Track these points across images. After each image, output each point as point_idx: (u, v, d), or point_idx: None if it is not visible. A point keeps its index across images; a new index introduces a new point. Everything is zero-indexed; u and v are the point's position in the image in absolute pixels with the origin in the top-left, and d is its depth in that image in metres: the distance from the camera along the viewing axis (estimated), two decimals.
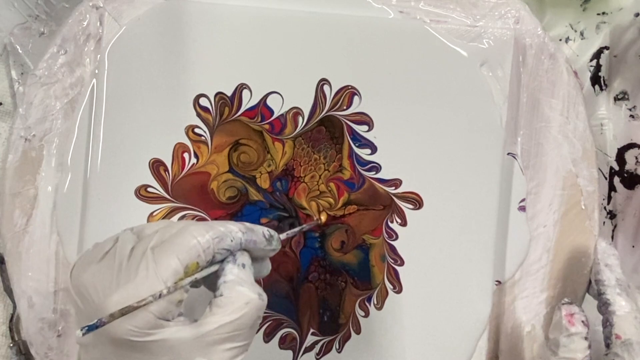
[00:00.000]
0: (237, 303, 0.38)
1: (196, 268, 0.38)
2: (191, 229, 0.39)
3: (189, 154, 0.56)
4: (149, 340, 0.36)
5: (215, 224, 0.40)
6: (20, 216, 0.57)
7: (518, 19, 0.57)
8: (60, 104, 0.57)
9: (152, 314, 0.36)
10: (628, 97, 0.61)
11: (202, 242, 0.38)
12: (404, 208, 0.57)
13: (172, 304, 0.37)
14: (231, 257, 0.40)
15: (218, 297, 0.39)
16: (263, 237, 0.42)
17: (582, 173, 0.58)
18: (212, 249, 0.38)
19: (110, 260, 0.38)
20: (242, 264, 0.40)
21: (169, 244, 0.38)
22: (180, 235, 0.38)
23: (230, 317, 0.38)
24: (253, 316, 0.39)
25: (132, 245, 0.38)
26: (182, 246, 0.38)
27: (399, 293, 0.56)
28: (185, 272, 0.37)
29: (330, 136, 0.57)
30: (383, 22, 0.57)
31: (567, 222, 0.58)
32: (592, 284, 0.55)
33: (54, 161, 0.57)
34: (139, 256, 0.37)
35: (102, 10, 0.56)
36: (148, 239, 0.39)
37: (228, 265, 0.40)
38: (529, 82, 0.58)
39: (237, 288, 0.39)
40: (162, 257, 0.37)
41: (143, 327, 0.36)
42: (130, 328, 0.35)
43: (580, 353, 0.48)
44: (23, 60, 0.59)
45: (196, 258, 0.38)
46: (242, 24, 0.56)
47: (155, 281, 0.36)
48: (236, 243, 0.40)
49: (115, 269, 0.37)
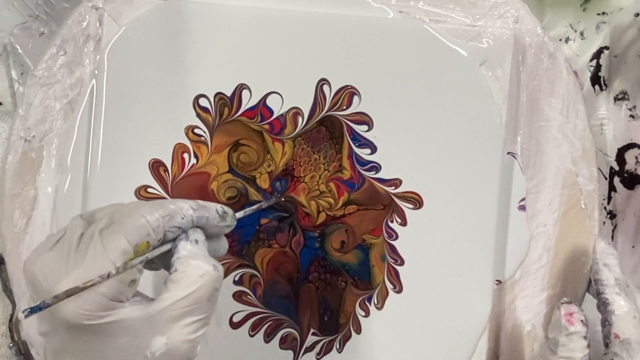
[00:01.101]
0: (192, 276, 0.38)
1: (147, 247, 0.37)
2: (140, 209, 0.38)
3: (188, 154, 0.56)
4: (103, 323, 0.35)
5: (166, 202, 0.39)
6: (20, 217, 0.57)
7: (517, 18, 0.57)
8: (60, 104, 0.57)
9: (102, 296, 0.35)
10: (628, 97, 0.61)
11: (151, 220, 0.37)
12: (404, 208, 0.57)
13: (123, 284, 0.36)
14: (183, 234, 0.39)
15: (172, 273, 0.38)
16: (216, 214, 0.41)
17: (582, 172, 0.58)
18: (162, 228, 0.38)
19: (60, 247, 0.37)
20: (194, 239, 0.40)
21: (117, 225, 0.37)
22: (129, 216, 0.38)
23: (186, 291, 0.37)
24: (210, 288, 0.38)
25: (82, 231, 0.38)
26: (131, 226, 0.37)
27: (399, 293, 0.57)
28: (135, 252, 0.37)
29: (330, 136, 0.57)
30: (382, 22, 0.57)
31: (567, 222, 0.58)
32: (592, 283, 0.55)
33: (53, 162, 0.57)
34: (87, 240, 0.37)
35: (102, 10, 0.56)
36: (97, 222, 0.38)
37: (181, 242, 0.39)
38: (529, 81, 0.58)
39: (191, 262, 0.38)
40: (110, 238, 0.36)
41: (95, 309, 0.35)
42: (81, 311, 0.35)
43: (579, 352, 0.48)
44: (23, 61, 0.59)
45: (146, 237, 0.37)
46: (241, 24, 0.56)
47: (103, 262, 0.36)
48: (187, 220, 0.39)
49: (64, 255, 0.36)
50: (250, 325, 0.56)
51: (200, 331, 0.38)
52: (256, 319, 0.56)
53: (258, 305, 0.56)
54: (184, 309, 0.37)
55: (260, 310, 0.56)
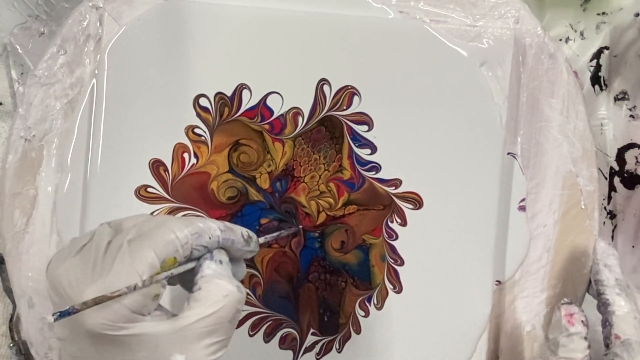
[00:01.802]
0: (216, 296, 0.38)
1: (173, 263, 0.37)
2: (170, 224, 0.38)
3: (188, 154, 0.56)
4: (123, 335, 0.35)
5: (195, 220, 0.39)
6: (20, 216, 0.57)
7: (518, 18, 0.57)
8: (60, 104, 0.57)
9: (126, 308, 0.35)
10: (628, 97, 0.61)
11: (180, 237, 0.37)
12: (404, 208, 0.57)
13: (147, 298, 0.36)
14: (208, 254, 0.39)
15: (196, 291, 0.38)
16: (242, 237, 0.41)
17: (582, 173, 0.58)
18: (190, 245, 0.38)
19: (86, 254, 0.37)
20: (219, 260, 0.40)
21: (146, 238, 0.37)
22: (159, 229, 0.38)
23: (209, 310, 0.37)
24: (232, 309, 0.38)
25: (109, 239, 0.38)
26: (160, 240, 0.37)
27: (399, 293, 0.56)
28: (162, 267, 0.37)
29: (330, 136, 0.57)
30: (383, 22, 0.57)
31: (567, 222, 0.58)
32: (592, 284, 0.55)
33: (53, 161, 0.57)
34: (115, 249, 0.37)
35: (102, 10, 0.56)
36: (125, 232, 0.38)
37: (205, 261, 0.39)
38: (529, 81, 0.58)
39: (215, 281, 0.38)
40: (139, 251, 0.36)
41: (117, 320, 0.35)
42: (103, 321, 0.35)
43: (579, 353, 0.48)
44: (23, 60, 0.59)
45: (174, 253, 0.37)
46: (242, 24, 0.56)
47: (130, 274, 0.36)
48: (214, 241, 0.39)
49: (90, 262, 0.36)
50: (250, 325, 0.56)
51: (220, 353, 0.38)
52: (256, 319, 0.56)
53: (258, 305, 0.56)
54: (206, 328, 0.37)
55: (260, 310, 0.56)
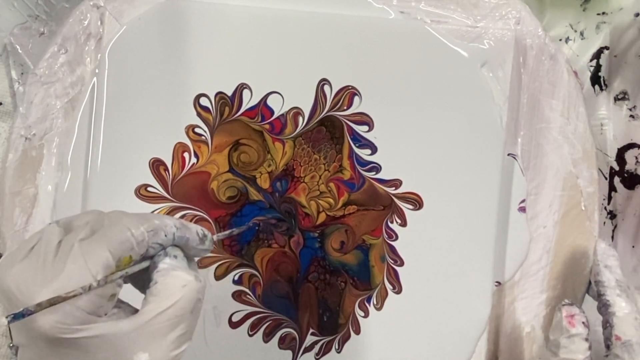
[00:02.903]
0: (173, 287, 0.37)
1: (129, 262, 0.36)
2: (125, 221, 0.37)
3: (189, 153, 0.56)
4: (80, 337, 0.34)
5: (150, 217, 0.38)
6: (20, 215, 0.57)
7: (519, 19, 0.57)
8: (60, 103, 0.57)
9: (80, 309, 0.34)
10: (628, 97, 0.61)
11: (136, 234, 0.36)
12: (404, 208, 0.57)
13: (103, 298, 0.35)
14: (162, 251, 0.38)
15: (152, 286, 0.37)
16: (196, 236, 0.40)
17: (582, 174, 0.58)
18: (146, 243, 0.37)
19: (35, 256, 0.35)
20: (174, 255, 0.38)
21: (100, 236, 0.35)
22: (113, 227, 0.36)
23: (168, 302, 0.36)
24: (192, 299, 0.37)
25: (59, 239, 0.36)
26: (115, 238, 0.35)
27: (398, 293, 0.56)
28: (117, 266, 0.35)
29: (330, 136, 0.57)
30: (384, 23, 0.57)
31: (567, 223, 0.58)
32: (592, 285, 0.55)
33: (54, 160, 0.57)
34: (66, 250, 0.35)
35: (103, 9, 0.57)
36: (77, 231, 0.36)
37: (160, 257, 0.38)
38: (530, 82, 0.58)
39: (172, 273, 0.37)
40: (93, 250, 0.35)
41: (71, 322, 0.33)
42: (57, 325, 0.33)
43: (580, 354, 0.48)
44: (23, 60, 0.59)
45: (129, 251, 0.36)
46: (242, 24, 0.56)
47: (84, 275, 0.34)
48: (169, 238, 0.38)
49: (40, 264, 0.34)
50: (250, 324, 0.56)
51: (184, 346, 0.37)
52: (255, 319, 0.56)
53: (257, 305, 0.56)
54: (167, 322, 0.36)
55: (260, 310, 0.56)
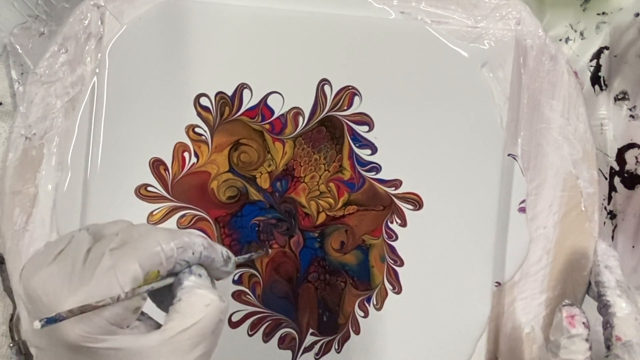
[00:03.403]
0: (197, 305, 0.36)
1: (156, 276, 0.36)
2: (156, 235, 0.37)
3: (189, 153, 0.56)
4: (101, 347, 0.34)
5: (181, 234, 0.38)
6: (20, 215, 0.56)
7: (519, 20, 0.57)
8: (60, 102, 0.57)
9: (105, 320, 0.34)
10: (628, 97, 0.61)
11: (166, 249, 0.36)
12: (404, 209, 0.56)
13: (128, 310, 0.35)
14: (188, 269, 0.38)
15: (176, 302, 0.37)
16: (221, 257, 0.40)
17: (583, 175, 0.58)
18: (174, 259, 0.37)
19: (64, 261, 0.35)
20: (198, 274, 0.38)
21: (131, 248, 0.36)
22: (144, 240, 0.36)
23: (191, 321, 0.36)
24: (215, 319, 0.37)
25: (89, 246, 0.36)
26: (145, 251, 0.35)
27: (398, 294, 0.56)
28: (145, 279, 0.35)
29: (330, 136, 0.57)
30: (384, 23, 0.57)
31: (567, 224, 0.58)
32: (592, 285, 0.55)
33: (54, 160, 0.57)
34: (96, 258, 0.35)
35: (103, 9, 0.57)
36: (107, 240, 0.36)
37: (185, 275, 0.38)
38: (530, 83, 0.58)
39: (196, 291, 0.37)
40: (123, 261, 0.35)
41: (96, 332, 0.33)
42: (82, 333, 0.33)
43: (581, 355, 0.48)
44: (23, 60, 0.59)
45: (158, 266, 0.36)
46: (243, 24, 0.56)
47: (112, 285, 0.34)
48: (196, 257, 0.38)
49: (68, 271, 0.34)
50: (249, 324, 0.56)
51: None
52: (255, 319, 0.56)
53: (257, 305, 0.56)
54: (188, 340, 0.35)
55: (260, 309, 0.56)
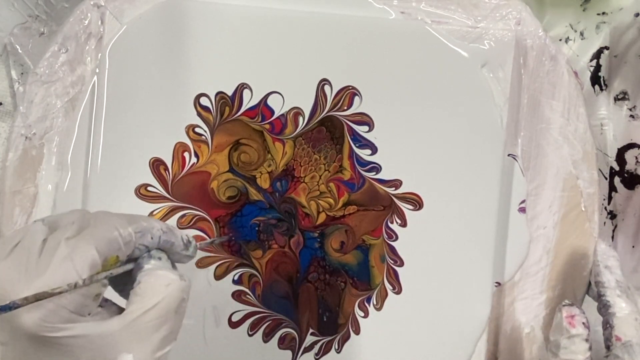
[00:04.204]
0: (158, 286, 0.36)
1: (115, 262, 0.36)
2: (113, 220, 0.36)
3: (189, 153, 0.56)
4: (63, 336, 0.33)
5: (138, 218, 0.38)
6: (20, 214, 0.56)
7: (519, 20, 0.57)
8: (60, 102, 0.57)
9: (64, 308, 0.33)
10: (628, 97, 0.61)
11: (123, 234, 0.36)
12: (404, 209, 0.56)
13: (87, 298, 0.34)
14: (147, 253, 0.38)
15: (136, 286, 0.36)
16: (181, 241, 0.40)
17: (583, 175, 0.58)
18: (132, 243, 0.37)
19: (19, 254, 0.34)
20: (158, 257, 0.38)
21: (88, 235, 0.35)
22: (101, 226, 0.36)
23: (152, 302, 0.35)
24: (177, 298, 0.37)
25: (44, 237, 0.35)
26: (102, 237, 0.35)
27: (398, 294, 0.56)
28: (103, 266, 0.35)
29: (330, 136, 0.57)
30: (384, 23, 0.57)
31: (567, 224, 0.58)
32: (592, 285, 0.55)
33: (54, 159, 0.57)
34: (52, 248, 0.34)
35: (104, 8, 0.56)
36: (63, 230, 0.36)
37: (144, 259, 0.38)
38: (530, 83, 0.58)
39: (156, 272, 0.37)
40: (79, 248, 0.34)
41: (55, 321, 0.33)
42: (41, 323, 0.33)
43: (581, 355, 0.48)
44: (23, 60, 0.59)
45: (116, 251, 0.36)
46: (243, 24, 0.56)
47: (69, 273, 0.33)
48: (155, 241, 0.38)
49: (24, 262, 0.34)
50: (249, 324, 0.56)
51: (169, 346, 0.36)
52: (255, 319, 0.56)
53: (257, 305, 0.56)
54: (151, 322, 0.35)
55: (259, 309, 0.56)
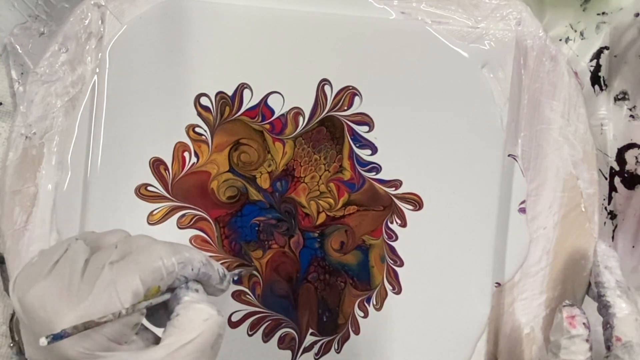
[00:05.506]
0: (195, 320, 0.36)
1: (156, 292, 0.36)
2: (157, 249, 0.36)
3: (189, 153, 0.56)
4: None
5: (182, 248, 0.37)
6: (20, 214, 0.56)
7: (519, 20, 0.57)
8: (61, 102, 0.57)
9: (104, 336, 0.33)
10: (628, 97, 0.61)
11: (167, 265, 0.36)
12: (404, 209, 0.56)
13: (127, 327, 0.34)
14: (185, 285, 0.38)
15: (173, 318, 0.36)
16: (218, 274, 0.40)
17: (583, 175, 0.58)
18: (174, 274, 0.36)
19: (61, 274, 0.34)
20: (196, 289, 0.38)
21: (132, 262, 0.35)
22: (145, 254, 0.36)
23: (189, 336, 0.35)
24: (214, 333, 0.36)
25: (86, 258, 0.35)
26: (147, 266, 0.35)
27: (398, 294, 0.56)
28: (145, 295, 0.35)
29: (330, 136, 0.57)
30: (384, 23, 0.57)
31: (567, 225, 0.58)
32: (592, 286, 0.55)
33: (54, 159, 0.57)
34: (95, 271, 0.34)
35: (104, 8, 0.57)
36: (106, 252, 0.36)
37: (182, 290, 0.37)
38: (530, 83, 0.58)
39: (195, 306, 0.36)
40: (123, 276, 0.34)
41: (94, 348, 0.33)
42: (81, 350, 0.33)
43: (581, 355, 0.48)
44: (23, 60, 0.59)
45: (159, 281, 0.35)
46: (243, 24, 0.56)
47: (112, 301, 0.33)
48: (195, 273, 0.38)
49: (66, 284, 0.34)
50: (249, 324, 0.56)
51: None
52: (255, 319, 0.56)
53: (257, 305, 0.56)
54: (187, 357, 0.35)
55: (259, 309, 0.56)
